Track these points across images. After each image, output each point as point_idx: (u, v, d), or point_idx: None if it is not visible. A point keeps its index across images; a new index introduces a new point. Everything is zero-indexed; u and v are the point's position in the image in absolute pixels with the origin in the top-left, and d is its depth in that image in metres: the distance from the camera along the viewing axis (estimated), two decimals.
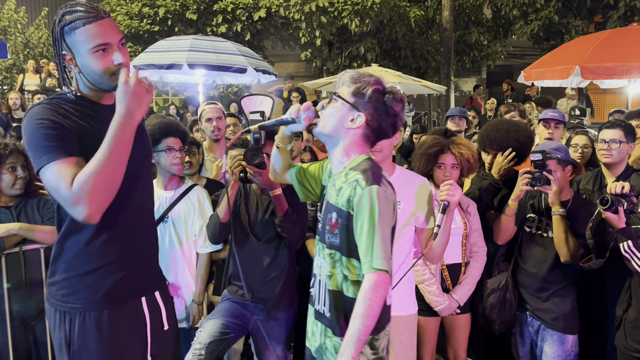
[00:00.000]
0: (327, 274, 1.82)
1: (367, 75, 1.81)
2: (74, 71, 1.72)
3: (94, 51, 1.66)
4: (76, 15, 1.64)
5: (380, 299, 1.66)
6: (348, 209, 1.73)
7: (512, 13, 12.73)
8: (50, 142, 1.59)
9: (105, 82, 1.71)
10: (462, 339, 2.94)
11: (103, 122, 1.71)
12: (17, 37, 12.69)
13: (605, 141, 2.91)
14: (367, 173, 1.72)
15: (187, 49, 6.50)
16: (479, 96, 12.75)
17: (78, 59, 1.68)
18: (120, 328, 1.78)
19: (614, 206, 2.33)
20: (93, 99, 1.77)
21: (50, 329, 1.83)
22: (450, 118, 5.12)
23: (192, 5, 11.54)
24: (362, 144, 1.81)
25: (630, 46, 5.77)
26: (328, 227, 1.81)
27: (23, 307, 2.69)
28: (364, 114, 1.76)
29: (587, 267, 2.58)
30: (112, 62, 1.68)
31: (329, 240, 1.81)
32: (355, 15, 11.10)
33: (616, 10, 11.20)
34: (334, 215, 1.79)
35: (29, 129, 1.62)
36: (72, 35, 1.65)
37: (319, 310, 1.88)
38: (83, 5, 1.67)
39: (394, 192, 1.78)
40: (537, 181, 2.65)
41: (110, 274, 1.76)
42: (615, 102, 14.95)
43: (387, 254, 1.67)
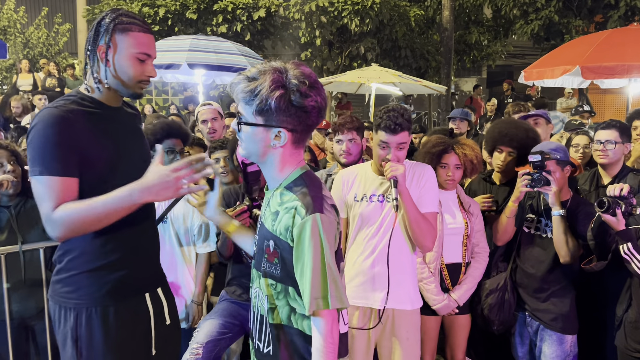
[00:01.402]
0: (269, 307, 1.60)
1: (260, 80, 1.49)
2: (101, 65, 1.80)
3: (136, 57, 1.79)
4: (133, 21, 1.80)
5: (337, 339, 1.52)
6: (287, 239, 1.52)
7: (512, 13, 12.73)
8: (49, 155, 1.65)
9: (129, 84, 1.82)
10: (461, 339, 2.94)
11: (107, 121, 1.81)
12: (17, 37, 12.68)
13: (600, 142, 2.94)
14: (306, 198, 1.51)
15: (186, 48, 6.50)
16: (478, 96, 12.75)
17: (117, 56, 1.78)
18: (125, 323, 1.83)
19: (611, 209, 2.33)
20: (103, 100, 1.85)
21: (54, 326, 1.86)
22: (451, 120, 5.10)
23: (192, 5, 11.54)
24: (294, 153, 1.59)
25: (631, 46, 5.77)
26: (266, 256, 1.60)
27: (23, 307, 2.69)
28: (284, 129, 1.52)
29: (589, 269, 2.57)
30: (144, 72, 1.82)
31: (267, 270, 1.60)
32: (355, 15, 11.10)
33: (617, 10, 11.20)
34: (271, 243, 1.58)
35: (35, 134, 1.68)
36: (123, 35, 1.77)
37: (254, 345, 1.69)
38: (140, 18, 1.85)
39: (337, 214, 1.60)
40: (536, 182, 2.64)
41: (114, 271, 1.81)
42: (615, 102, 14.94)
43: (335, 289, 1.49)
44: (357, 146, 2.96)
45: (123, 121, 1.91)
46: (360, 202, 2.51)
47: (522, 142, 3.01)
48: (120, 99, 1.92)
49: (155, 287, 1.96)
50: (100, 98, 1.84)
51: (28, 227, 2.71)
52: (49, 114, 1.69)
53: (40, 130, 1.67)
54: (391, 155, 2.40)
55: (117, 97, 1.89)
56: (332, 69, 11.92)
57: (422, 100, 15.76)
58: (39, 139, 1.66)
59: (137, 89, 1.84)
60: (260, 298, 1.64)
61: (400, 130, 2.39)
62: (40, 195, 1.67)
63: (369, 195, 2.51)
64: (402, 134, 2.40)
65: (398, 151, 2.42)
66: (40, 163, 1.65)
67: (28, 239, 2.70)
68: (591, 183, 3.07)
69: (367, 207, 2.49)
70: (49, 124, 1.67)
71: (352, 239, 2.55)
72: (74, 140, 1.69)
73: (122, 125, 1.90)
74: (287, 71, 1.50)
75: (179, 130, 2.91)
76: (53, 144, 1.65)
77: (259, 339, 1.66)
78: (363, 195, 2.52)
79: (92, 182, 1.75)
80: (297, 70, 1.50)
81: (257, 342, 1.66)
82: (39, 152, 1.66)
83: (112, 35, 1.77)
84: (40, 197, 1.67)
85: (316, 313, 1.49)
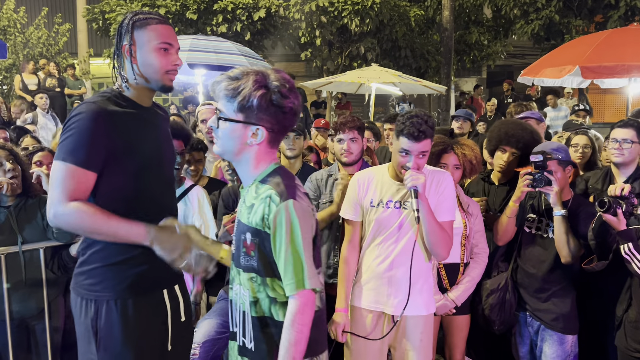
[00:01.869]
0: (251, 301, 1.68)
1: (243, 80, 1.59)
2: (127, 64, 1.88)
3: (158, 47, 1.86)
4: (150, 16, 1.89)
5: (310, 321, 1.58)
6: (263, 227, 1.61)
7: (512, 13, 12.72)
8: (78, 145, 1.74)
9: (157, 78, 1.88)
10: (459, 340, 2.93)
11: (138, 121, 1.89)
12: (17, 37, 12.67)
13: (617, 140, 2.88)
14: (280, 187, 1.61)
15: (187, 48, 6.49)
16: (479, 96, 12.75)
17: (140, 52, 1.86)
18: (144, 317, 1.88)
19: (611, 209, 2.33)
20: (133, 98, 1.92)
21: (75, 317, 1.92)
22: (455, 119, 5.09)
23: (193, 5, 11.54)
24: (269, 152, 1.69)
25: (631, 46, 5.76)
26: (244, 250, 1.68)
27: (23, 307, 2.69)
28: (262, 127, 1.61)
29: (590, 269, 2.57)
30: (171, 62, 1.89)
31: (246, 264, 1.68)
32: (355, 15, 11.10)
33: (617, 10, 11.20)
34: (248, 236, 1.66)
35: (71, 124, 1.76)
36: (142, 30, 1.86)
37: (239, 342, 1.75)
38: (156, 13, 1.93)
39: (310, 202, 1.71)
40: (538, 182, 2.64)
41: (136, 266, 1.86)
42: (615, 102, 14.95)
43: (312, 271, 1.58)
44: (358, 145, 2.96)
45: (154, 122, 1.98)
46: (377, 207, 2.45)
47: (527, 143, 3.01)
48: (151, 99, 1.99)
49: (173, 284, 2.01)
50: (133, 97, 1.92)
51: (28, 227, 2.71)
52: (88, 108, 1.77)
53: (77, 122, 1.75)
54: (412, 163, 2.30)
55: (148, 96, 1.96)
56: (332, 69, 11.92)
57: (422, 100, 15.75)
58: (72, 128, 1.75)
59: (166, 81, 1.90)
60: (242, 294, 1.72)
61: (424, 138, 2.29)
62: (55, 179, 1.74)
63: (386, 201, 2.45)
64: (424, 142, 2.30)
65: (419, 159, 2.33)
66: (66, 151, 1.74)
67: (28, 239, 2.69)
68: (603, 182, 3.04)
69: (384, 213, 2.43)
70: (86, 117, 1.75)
71: (367, 243, 2.51)
72: (105, 136, 1.77)
73: (154, 125, 1.96)
74: (269, 75, 1.61)
75: (181, 131, 2.91)
76: (85, 136, 1.74)
77: (243, 335, 1.72)
78: (379, 201, 2.46)
79: (117, 177, 1.82)
80: (277, 75, 1.63)
81: (242, 339, 1.73)
82: (69, 140, 1.75)
83: (132, 33, 1.86)
84: (55, 181, 1.74)
85: (292, 294, 1.58)
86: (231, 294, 1.80)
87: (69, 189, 1.73)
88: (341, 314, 2.44)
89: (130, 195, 1.87)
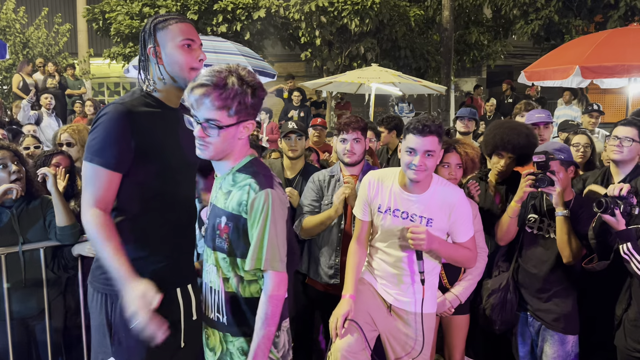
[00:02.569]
0: (223, 277, 1.84)
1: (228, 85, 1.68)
2: (153, 65, 1.93)
3: (182, 44, 1.91)
4: (169, 17, 1.94)
5: (283, 297, 1.76)
6: (240, 212, 1.75)
7: (512, 13, 12.72)
8: (104, 147, 1.80)
9: (184, 75, 1.91)
10: (458, 340, 2.94)
11: (165, 122, 1.93)
12: (17, 37, 12.67)
13: (617, 137, 2.89)
14: (258, 177, 1.75)
15: None
16: (479, 96, 12.74)
17: (164, 51, 1.91)
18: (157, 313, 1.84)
19: (609, 209, 2.32)
20: (162, 99, 1.96)
21: (91, 311, 1.96)
22: (459, 119, 5.08)
23: (193, 6, 11.53)
24: (246, 143, 1.84)
25: (630, 46, 5.77)
26: (218, 232, 1.82)
27: (23, 307, 2.69)
28: (251, 120, 1.77)
29: (591, 269, 2.57)
30: (195, 57, 1.93)
31: (220, 245, 1.83)
32: (355, 15, 11.08)
33: (616, 10, 11.19)
34: (223, 219, 1.80)
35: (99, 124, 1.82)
36: (163, 31, 1.91)
37: (213, 318, 1.91)
38: (175, 13, 1.96)
39: (285, 193, 1.86)
40: (541, 182, 2.64)
41: (151, 264, 1.91)
42: (615, 102, 14.95)
43: (283, 256, 1.75)
44: (361, 146, 2.95)
45: (180, 123, 1.98)
46: (384, 214, 2.43)
47: (523, 147, 3.02)
48: (179, 99, 2.02)
49: (187, 284, 2.05)
50: (161, 98, 1.96)
51: (29, 228, 2.71)
52: (115, 110, 1.83)
53: (104, 122, 1.81)
54: (417, 161, 2.24)
55: (177, 96, 1.99)
56: (332, 69, 11.91)
57: (422, 100, 15.75)
58: (100, 130, 1.81)
59: (192, 77, 1.90)
60: (213, 272, 1.87)
61: (429, 132, 2.23)
62: (84, 180, 1.83)
63: (393, 209, 2.42)
64: (430, 138, 2.23)
65: (425, 158, 2.25)
66: (94, 152, 1.80)
67: (29, 239, 2.69)
68: (602, 182, 3.05)
69: (393, 221, 2.41)
70: (113, 117, 1.81)
71: (374, 241, 2.53)
72: (130, 137, 1.81)
73: (178, 126, 1.98)
74: (237, 70, 1.71)
75: None
76: (110, 138, 1.80)
77: (217, 311, 1.88)
78: (387, 208, 2.43)
79: (141, 176, 1.86)
80: (244, 70, 1.73)
81: (216, 314, 1.89)
82: (96, 141, 1.81)
83: (154, 35, 1.92)
84: (86, 182, 1.83)
85: (266, 272, 1.73)
86: (204, 274, 1.93)
87: (96, 191, 1.80)
88: (348, 299, 2.42)
89: (149, 194, 1.90)
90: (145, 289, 1.68)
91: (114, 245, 1.75)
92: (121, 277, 1.73)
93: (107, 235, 1.76)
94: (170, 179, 1.95)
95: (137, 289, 1.68)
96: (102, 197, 1.81)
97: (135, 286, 1.69)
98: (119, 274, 1.74)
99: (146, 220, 1.92)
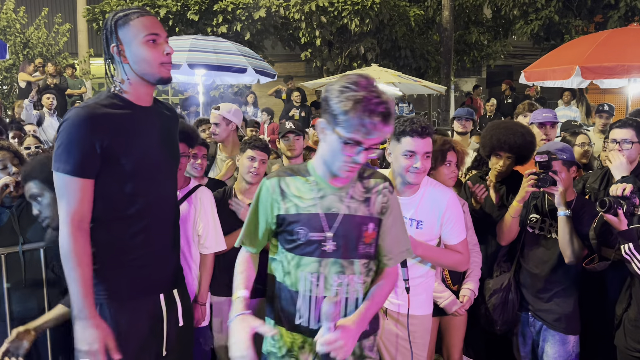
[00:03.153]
0: (361, 283, 1.81)
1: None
2: (119, 65, 1.84)
3: (146, 40, 1.81)
4: (129, 12, 1.83)
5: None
6: (381, 215, 1.81)
7: (512, 13, 12.72)
8: (70, 154, 1.73)
9: (153, 71, 1.83)
10: (457, 339, 2.93)
11: (134, 122, 1.84)
12: (17, 37, 12.67)
13: (616, 141, 2.86)
14: (385, 178, 1.86)
15: (187, 48, 6.50)
16: (478, 96, 12.75)
17: (128, 50, 1.82)
18: (138, 321, 1.86)
19: (612, 209, 2.32)
20: (131, 98, 1.87)
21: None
22: (457, 119, 5.05)
23: (194, 6, 11.53)
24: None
25: (630, 46, 5.77)
26: (363, 239, 1.79)
27: (23, 307, 2.68)
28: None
29: (591, 269, 2.57)
30: (162, 52, 1.83)
31: (363, 252, 1.80)
32: (355, 15, 11.09)
33: (616, 10, 11.19)
34: (370, 226, 1.79)
35: (62, 131, 1.75)
36: (125, 27, 1.81)
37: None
38: (135, 7, 1.86)
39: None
40: (543, 182, 2.63)
41: (132, 270, 1.86)
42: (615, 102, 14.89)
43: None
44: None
45: (152, 122, 1.92)
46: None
47: (520, 146, 3.02)
48: (151, 97, 1.94)
49: (172, 289, 1.99)
50: (130, 98, 1.87)
51: (29, 228, 2.71)
52: (76, 114, 1.75)
53: (66, 129, 1.74)
54: (419, 164, 2.24)
55: (147, 93, 1.91)
56: (332, 69, 11.92)
57: (422, 101, 15.76)
58: (62, 136, 1.74)
59: (162, 73, 1.85)
60: (355, 282, 1.80)
61: (427, 134, 2.24)
62: (58, 190, 1.77)
63: None
64: (428, 139, 2.25)
65: (425, 160, 2.26)
66: (59, 160, 1.74)
67: (29, 239, 2.69)
68: (601, 182, 3.03)
69: None
70: (74, 122, 1.73)
71: None
72: (95, 141, 1.74)
73: (150, 126, 1.91)
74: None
75: (184, 135, 2.89)
76: (74, 144, 1.72)
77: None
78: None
79: (112, 181, 1.80)
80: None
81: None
82: (61, 149, 1.74)
83: (116, 32, 1.82)
84: (59, 193, 1.77)
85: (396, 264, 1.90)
86: (329, 289, 1.76)
87: (69, 203, 1.73)
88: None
89: (123, 198, 1.83)
90: (95, 338, 1.66)
91: (82, 273, 1.70)
92: (81, 310, 1.69)
93: (78, 261, 1.70)
94: (145, 180, 1.85)
95: (90, 333, 1.66)
96: (76, 209, 1.73)
97: (90, 328, 1.67)
98: (80, 305, 1.69)
99: (122, 225, 1.84)
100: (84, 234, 1.74)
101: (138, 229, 1.85)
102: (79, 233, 1.72)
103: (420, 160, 2.24)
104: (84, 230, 1.75)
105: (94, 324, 1.69)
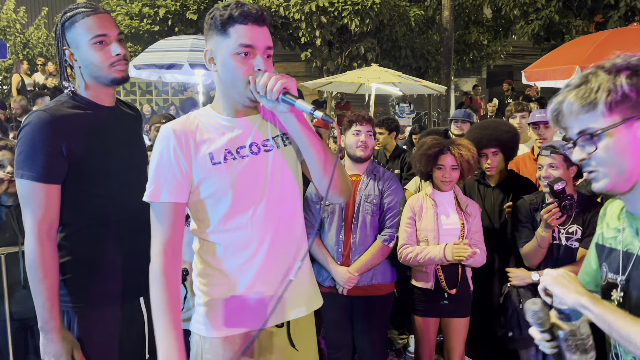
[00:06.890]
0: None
1: (591, 79, 1.23)
2: (75, 68, 1.77)
3: (93, 42, 1.72)
4: (76, 11, 1.72)
5: None
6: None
7: (512, 13, 12.73)
8: (33, 160, 1.65)
9: (104, 74, 1.75)
10: (458, 342, 2.89)
11: (98, 123, 1.77)
12: (17, 37, 12.68)
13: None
14: None
15: (188, 48, 6.50)
16: (478, 96, 12.75)
17: (77, 53, 1.74)
18: (118, 326, 1.82)
19: None
20: (92, 99, 1.81)
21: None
22: (453, 121, 5.00)
23: (193, 5, 11.54)
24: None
25: (631, 46, 5.77)
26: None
27: (22, 308, 2.68)
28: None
29: None
30: (110, 53, 1.73)
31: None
32: (355, 15, 11.10)
33: (617, 10, 11.19)
34: None
35: (23, 136, 1.68)
36: (72, 30, 1.72)
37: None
38: (83, 4, 1.76)
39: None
40: (567, 210, 2.52)
41: (108, 275, 1.80)
42: None
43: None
44: (372, 141, 2.89)
45: (116, 122, 1.86)
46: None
47: (500, 138, 3.04)
48: (112, 97, 1.87)
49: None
50: (91, 97, 1.81)
51: None
52: (38, 118, 1.68)
53: (28, 134, 1.67)
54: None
55: (106, 93, 1.84)
56: (332, 69, 11.92)
57: (422, 101, 15.76)
58: (25, 142, 1.67)
59: (114, 73, 1.76)
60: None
61: (263, 22, 1.52)
62: (22, 198, 1.69)
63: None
64: (266, 29, 1.53)
65: (267, 60, 1.58)
66: (22, 166, 1.66)
67: None
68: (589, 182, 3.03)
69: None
70: (36, 127, 1.66)
71: None
72: (60, 145, 1.67)
73: (115, 126, 1.85)
74: (620, 56, 1.25)
75: None
76: (38, 149, 1.65)
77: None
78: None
79: (80, 185, 1.74)
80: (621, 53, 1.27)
81: None
82: (24, 155, 1.66)
83: (64, 36, 1.74)
84: (23, 200, 1.69)
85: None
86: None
87: (35, 211, 1.65)
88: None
89: (93, 202, 1.77)
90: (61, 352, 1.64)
91: (50, 286, 1.65)
92: (46, 322, 1.64)
93: (45, 274, 1.64)
94: (115, 183, 1.79)
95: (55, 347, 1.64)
96: (43, 217, 1.66)
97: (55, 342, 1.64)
98: (45, 318, 1.64)
99: (94, 231, 1.77)
100: (52, 243, 1.67)
101: (111, 234, 1.79)
102: (47, 243, 1.66)
103: (262, 61, 1.53)
104: (52, 240, 1.68)
105: (59, 337, 1.65)
